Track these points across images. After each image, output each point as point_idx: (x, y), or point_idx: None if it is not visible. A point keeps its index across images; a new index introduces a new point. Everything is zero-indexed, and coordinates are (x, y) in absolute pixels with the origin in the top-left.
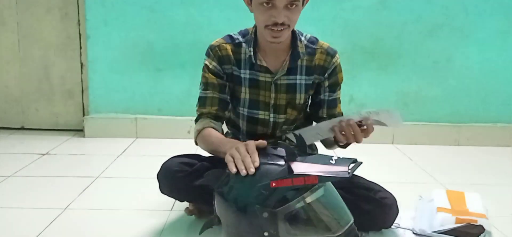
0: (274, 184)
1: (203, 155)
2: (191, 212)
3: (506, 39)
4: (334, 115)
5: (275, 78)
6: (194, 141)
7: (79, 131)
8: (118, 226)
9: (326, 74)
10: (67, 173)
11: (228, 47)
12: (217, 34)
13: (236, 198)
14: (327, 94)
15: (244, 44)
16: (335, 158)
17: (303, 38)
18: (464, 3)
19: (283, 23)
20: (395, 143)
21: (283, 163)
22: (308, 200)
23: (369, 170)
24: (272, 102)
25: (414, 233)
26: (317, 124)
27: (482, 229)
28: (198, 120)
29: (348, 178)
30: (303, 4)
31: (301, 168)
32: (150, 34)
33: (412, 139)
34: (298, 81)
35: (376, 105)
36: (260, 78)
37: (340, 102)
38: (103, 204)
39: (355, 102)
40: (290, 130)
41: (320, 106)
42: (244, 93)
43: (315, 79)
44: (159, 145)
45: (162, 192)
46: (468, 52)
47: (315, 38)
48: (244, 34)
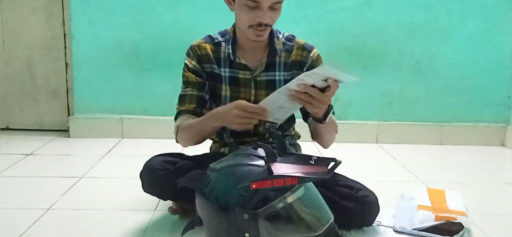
0: (254, 186)
1: (186, 154)
2: (174, 211)
3: (487, 39)
4: None
5: (254, 75)
6: (175, 139)
7: (64, 131)
8: (101, 226)
9: (305, 68)
10: (51, 173)
11: (208, 46)
12: (202, 35)
13: (217, 199)
14: None
15: (223, 43)
16: (315, 158)
17: (280, 36)
18: (446, 4)
19: (267, 24)
20: (379, 143)
21: (263, 163)
22: (289, 200)
23: (353, 169)
24: (252, 98)
25: (395, 230)
26: (272, 99)
27: (461, 226)
28: (177, 118)
29: (328, 178)
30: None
31: (280, 169)
32: (136, 34)
33: (396, 138)
34: (277, 77)
35: (361, 106)
36: (240, 76)
37: None
38: (87, 204)
39: (340, 101)
40: (274, 128)
41: None
42: (224, 91)
43: (293, 75)
44: (145, 145)
45: (145, 191)
46: (450, 53)
47: (292, 35)
48: (223, 34)
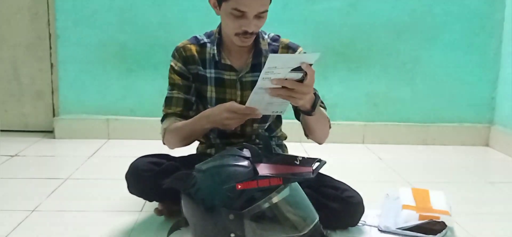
0: (239, 186)
1: (172, 155)
2: (160, 212)
3: (471, 41)
4: None
5: (240, 75)
6: (162, 141)
7: (49, 132)
8: (86, 227)
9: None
10: (36, 175)
11: (193, 47)
12: (189, 35)
13: (203, 200)
14: None
15: (208, 44)
16: (300, 158)
17: (266, 37)
18: (430, 6)
19: (252, 32)
20: (366, 143)
21: (248, 164)
22: (274, 200)
23: (339, 170)
24: (238, 99)
25: (380, 230)
26: (253, 98)
27: (444, 225)
28: (163, 120)
29: (313, 179)
30: None
31: (266, 169)
32: (122, 34)
33: (382, 139)
34: None
35: (347, 106)
36: (225, 77)
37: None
38: (72, 205)
39: (326, 101)
40: (262, 129)
41: None
42: (210, 92)
43: None
44: (131, 146)
45: (131, 192)
46: (434, 54)
47: (278, 36)
48: (209, 35)
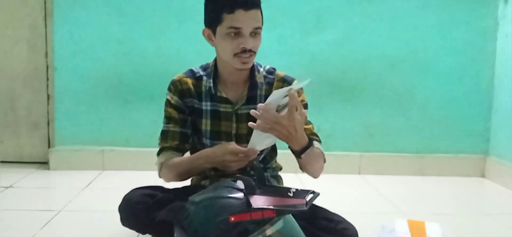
0: (232, 219)
1: (165, 186)
2: None
3: (464, 72)
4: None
5: (236, 108)
6: (158, 175)
7: (44, 163)
8: None
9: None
10: (30, 206)
11: (189, 80)
12: (185, 66)
13: (196, 232)
14: None
15: (204, 77)
16: (293, 190)
17: (261, 69)
18: (423, 38)
19: (250, 50)
20: (362, 174)
21: (242, 196)
22: (268, 232)
23: (334, 200)
24: (233, 132)
25: None
26: (256, 136)
27: None
28: (160, 154)
29: (306, 210)
30: None
31: (259, 201)
32: (119, 65)
33: (378, 170)
34: None
35: (343, 137)
36: (221, 109)
37: (310, 123)
38: None
39: (322, 132)
40: (257, 160)
41: None
42: (205, 125)
43: None
44: (126, 177)
45: (124, 224)
46: (428, 85)
47: (273, 68)
48: (205, 68)
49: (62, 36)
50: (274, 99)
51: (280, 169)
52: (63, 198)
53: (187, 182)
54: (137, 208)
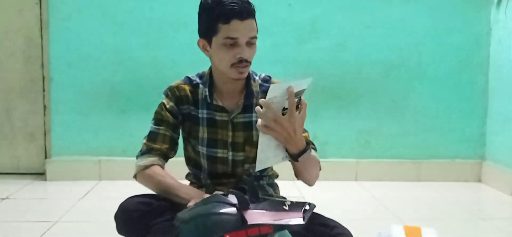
0: None
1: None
2: None
3: (458, 78)
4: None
5: (232, 116)
6: (134, 175)
7: (40, 174)
8: None
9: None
10: (27, 218)
11: (186, 87)
12: (181, 76)
13: None
14: None
15: (201, 85)
16: (288, 203)
17: (257, 78)
18: (417, 45)
19: (246, 60)
20: (358, 180)
21: (235, 211)
22: None
23: (331, 207)
24: (229, 140)
25: None
26: (263, 138)
27: None
28: (144, 154)
29: (303, 225)
30: None
31: (254, 217)
32: (115, 76)
33: (375, 176)
34: (254, 118)
35: (339, 144)
36: (217, 118)
37: (306, 131)
38: None
39: (318, 139)
40: (253, 169)
41: None
42: (202, 132)
43: None
44: (123, 187)
45: (120, 232)
46: (423, 91)
47: (268, 76)
48: (201, 76)
49: (58, 47)
50: (273, 95)
51: (277, 176)
52: (60, 209)
53: None
54: (132, 216)
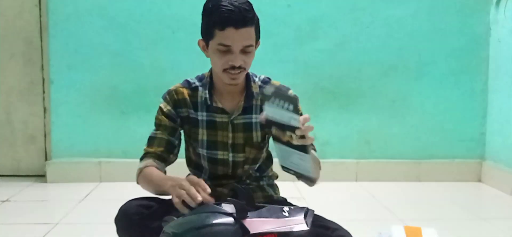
0: None
1: (161, 197)
2: None
3: (458, 78)
4: None
5: (232, 118)
6: (136, 180)
7: (41, 176)
8: None
9: None
10: (27, 220)
11: (185, 91)
12: (181, 77)
13: None
14: None
15: (200, 88)
16: (286, 209)
17: (256, 79)
18: (416, 45)
19: (240, 66)
20: (359, 181)
21: (233, 221)
22: None
23: (331, 208)
24: (230, 141)
25: None
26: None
27: None
28: (141, 159)
29: (308, 230)
30: (255, 47)
31: (255, 225)
32: (115, 77)
33: (375, 176)
34: (254, 120)
35: (339, 144)
36: (217, 119)
37: None
38: None
39: (318, 140)
40: (253, 170)
41: None
42: (202, 135)
43: None
44: (123, 189)
45: (120, 235)
46: (423, 91)
47: (268, 78)
48: (200, 78)
49: (58, 49)
50: (273, 115)
51: (276, 177)
52: (61, 211)
53: None
54: (132, 219)
